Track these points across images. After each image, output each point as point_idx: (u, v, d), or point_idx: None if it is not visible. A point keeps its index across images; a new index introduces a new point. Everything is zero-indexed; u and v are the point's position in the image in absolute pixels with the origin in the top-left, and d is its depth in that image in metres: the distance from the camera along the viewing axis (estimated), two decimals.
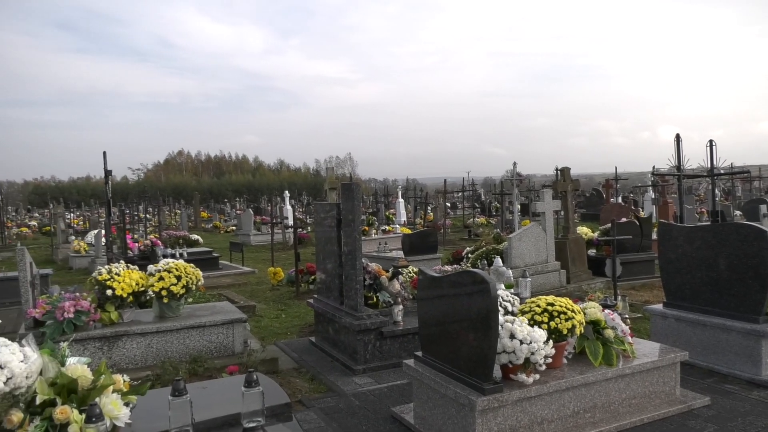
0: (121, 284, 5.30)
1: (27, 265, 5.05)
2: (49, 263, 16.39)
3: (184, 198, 51.64)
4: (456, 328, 3.81)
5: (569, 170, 10.39)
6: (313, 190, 63.30)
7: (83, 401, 2.62)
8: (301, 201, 42.20)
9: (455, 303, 3.85)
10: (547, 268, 9.30)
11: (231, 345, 5.71)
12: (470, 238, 19.47)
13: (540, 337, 3.67)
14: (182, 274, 5.61)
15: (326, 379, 5.34)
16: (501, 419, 3.60)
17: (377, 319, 5.57)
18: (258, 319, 8.13)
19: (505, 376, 3.71)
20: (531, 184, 29.73)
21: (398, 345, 5.68)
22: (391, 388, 5.05)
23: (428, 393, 4.02)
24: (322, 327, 6.47)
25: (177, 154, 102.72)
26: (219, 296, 9.51)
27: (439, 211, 24.10)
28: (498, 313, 3.52)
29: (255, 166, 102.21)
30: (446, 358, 3.94)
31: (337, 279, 6.06)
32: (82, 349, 5.02)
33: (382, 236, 17.30)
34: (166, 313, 5.65)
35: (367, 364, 5.52)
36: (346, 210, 5.82)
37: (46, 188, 78.93)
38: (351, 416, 4.43)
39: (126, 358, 5.28)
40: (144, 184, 67.79)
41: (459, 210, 34.46)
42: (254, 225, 22.16)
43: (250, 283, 11.63)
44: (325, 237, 6.46)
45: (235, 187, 79.27)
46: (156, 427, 2.79)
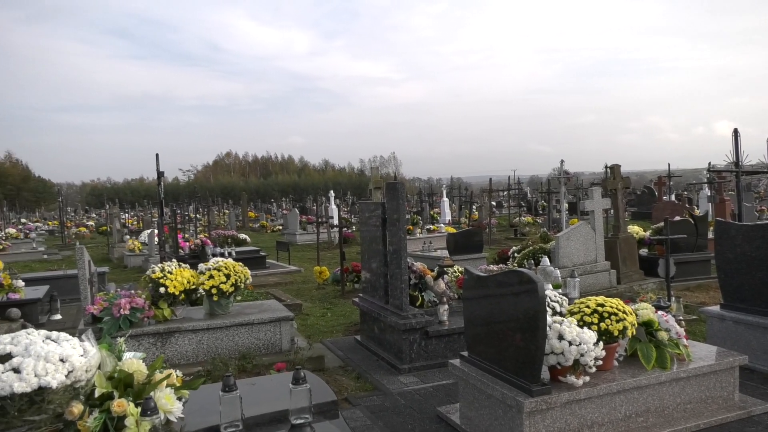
0: (173, 282, 5.46)
1: (86, 264, 5.26)
2: (105, 261, 17.04)
3: (232, 198, 52.79)
4: (503, 329, 3.77)
5: (619, 167, 10.11)
6: (357, 190, 63.69)
7: (139, 395, 2.71)
8: (346, 201, 42.51)
9: (502, 303, 3.81)
10: (596, 268, 9.08)
11: (278, 342, 5.81)
12: (516, 238, 19.21)
13: (590, 339, 3.58)
14: (231, 273, 5.74)
15: (372, 378, 5.36)
16: (549, 421, 3.53)
17: (422, 319, 5.55)
18: (304, 317, 8.24)
19: (553, 378, 3.64)
20: (579, 182, 29.09)
21: (444, 345, 5.65)
22: (437, 387, 5.03)
23: (474, 393, 3.99)
24: (368, 326, 6.50)
25: (225, 156, 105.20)
26: (266, 294, 9.68)
27: (484, 210, 23.85)
28: (546, 313, 3.46)
29: (300, 167, 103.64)
30: (493, 358, 3.89)
31: (383, 278, 6.07)
32: (136, 345, 5.20)
33: (427, 235, 17.25)
34: (216, 311, 5.79)
35: (412, 363, 5.52)
36: (391, 209, 5.82)
37: (102, 189, 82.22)
38: (397, 415, 4.43)
39: (178, 354, 5.43)
40: (194, 185, 69.63)
41: (504, 209, 34.03)
42: (300, 224, 22.46)
43: (296, 282, 11.80)
44: (370, 236, 6.49)
45: (282, 187, 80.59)
46: (207, 422, 2.85)
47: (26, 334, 2.56)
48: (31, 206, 68.08)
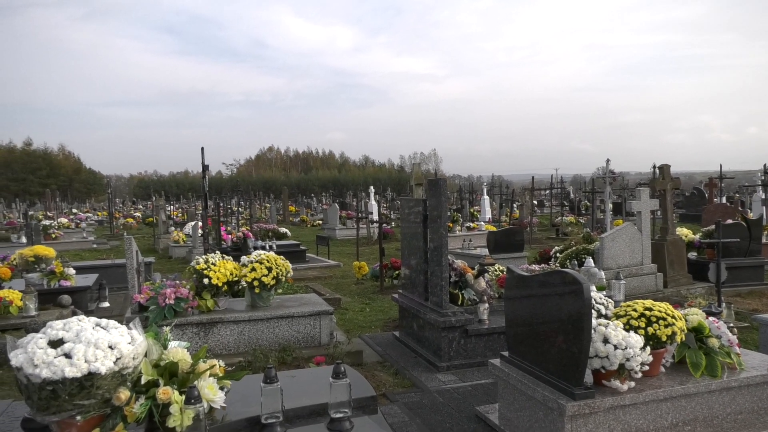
0: (216, 274, 5.56)
1: (134, 254, 5.41)
2: (151, 252, 17.52)
3: (274, 192, 53.55)
4: (545, 330, 3.69)
5: (669, 168, 9.79)
6: (397, 186, 63.70)
7: (183, 383, 2.76)
8: (386, 196, 42.57)
9: (545, 303, 3.73)
10: (642, 270, 8.83)
11: (318, 336, 5.85)
12: (558, 237, 18.87)
13: (636, 343, 3.48)
14: (273, 266, 5.81)
15: (410, 375, 5.35)
16: (592, 426, 3.45)
17: (462, 317, 5.50)
18: (343, 311, 8.28)
19: (596, 382, 3.55)
20: (624, 182, 28.35)
21: (483, 344, 5.59)
22: (476, 386, 4.98)
23: (514, 394, 3.93)
24: (406, 322, 6.49)
25: (267, 150, 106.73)
26: (306, 288, 9.78)
27: (525, 209, 23.50)
28: (591, 315, 3.37)
29: (341, 162, 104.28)
30: (534, 359, 3.82)
31: (422, 275, 6.05)
32: (180, 334, 5.32)
33: (467, 233, 17.11)
34: (257, 303, 5.87)
35: (451, 361, 5.48)
36: (432, 205, 5.79)
37: (149, 182, 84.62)
38: (435, 413, 4.41)
39: (220, 344, 5.54)
40: (236, 179, 70.92)
41: (546, 208, 33.48)
42: (340, 219, 22.60)
43: (335, 276, 11.88)
44: (410, 232, 6.46)
45: (322, 182, 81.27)
46: (249, 412, 2.89)
47: (77, 320, 2.63)
48: (82, 197, 70.65)
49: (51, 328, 2.56)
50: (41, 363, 2.38)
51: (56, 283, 8.05)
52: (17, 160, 73.37)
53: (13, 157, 74.13)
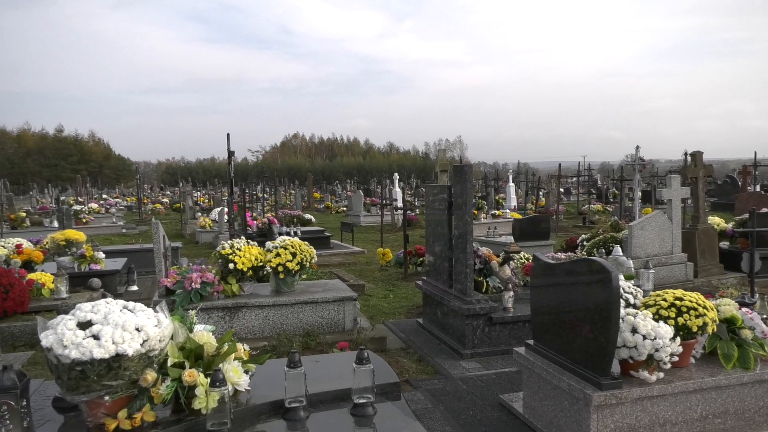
0: (241, 259, 5.60)
1: (160, 238, 5.48)
2: (178, 237, 17.78)
3: (298, 179, 53.85)
4: (572, 319, 3.64)
5: (701, 155, 9.54)
6: (422, 173, 63.48)
7: (208, 366, 2.78)
8: (410, 183, 42.46)
9: (572, 292, 3.67)
10: (671, 260, 8.65)
11: (341, 322, 5.87)
12: (585, 226, 18.61)
13: (666, 333, 3.40)
14: (297, 252, 5.83)
15: (433, 361, 5.34)
16: (618, 417, 3.40)
17: (487, 305, 5.46)
18: (367, 298, 8.30)
19: (624, 372, 3.49)
20: (654, 170, 27.77)
21: (508, 332, 5.55)
22: (500, 375, 4.95)
23: (539, 383, 3.89)
24: (430, 309, 6.47)
25: (292, 137, 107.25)
26: (330, 274, 9.82)
27: (551, 197, 23.22)
28: (619, 305, 3.30)
29: (365, 149, 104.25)
30: (560, 348, 3.77)
31: (447, 262, 6.01)
32: (206, 318, 5.38)
33: (492, 221, 16.98)
34: (281, 288, 5.91)
35: (474, 349, 5.45)
36: (457, 192, 5.73)
37: (176, 168, 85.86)
38: (458, 400, 4.39)
39: (245, 329, 5.60)
40: (262, 166, 71.44)
41: (573, 196, 33.02)
42: (364, 206, 22.62)
43: (359, 263, 11.90)
44: (435, 219, 6.42)
45: (346, 169, 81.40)
46: (273, 396, 2.90)
47: (105, 303, 2.67)
48: (112, 183, 72.02)
49: (80, 310, 2.60)
50: (70, 344, 2.41)
51: (86, 266, 8.22)
52: (49, 146, 75.07)
53: (46, 143, 75.86)
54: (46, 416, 2.69)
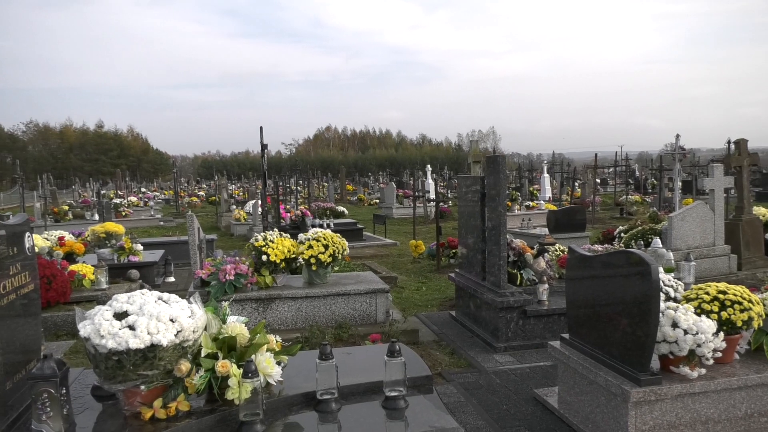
0: (274, 251, 5.65)
1: (195, 231, 5.56)
2: (213, 230, 18.08)
3: (331, 171, 54.09)
4: (609, 312, 3.54)
5: (746, 142, 9.20)
6: (454, 165, 63.07)
7: (241, 357, 2.80)
8: (443, 175, 42.23)
9: (609, 285, 3.58)
10: (713, 252, 8.38)
11: (374, 314, 5.87)
12: (622, 217, 18.22)
13: (708, 328, 3.28)
14: (329, 244, 5.84)
15: (466, 355, 5.29)
16: (658, 414, 3.30)
17: (520, 297, 5.38)
18: (399, 290, 8.28)
19: (664, 368, 3.39)
20: (695, 159, 26.95)
21: (542, 325, 5.46)
22: (534, 369, 4.87)
23: (575, 378, 3.81)
24: (463, 302, 6.42)
25: (325, 130, 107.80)
26: (363, 266, 9.83)
27: (587, 187, 22.77)
28: (659, 298, 3.20)
29: (398, 141, 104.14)
30: (596, 342, 3.68)
31: (480, 254, 5.94)
32: (240, 309, 5.45)
33: (526, 212, 16.76)
34: (314, 280, 5.94)
35: (508, 342, 5.38)
36: (491, 184, 5.65)
37: (212, 162, 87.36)
38: (491, 394, 4.34)
39: (278, 320, 5.64)
40: (295, 158, 72.03)
41: (610, 186, 32.35)
42: (397, 198, 22.60)
43: (391, 255, 11.89)
44: (467, 211, 6.35)
45: (379, 161, 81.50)
46: (304, 387, 2.91)
47: (141, 294, 2.71)
48: (150, 177, 73.69)
49: (116, 300, 2.64)
50: (107, 334, 2.45)
51: (125, 258, 8.42)
52: (90, 141, 77.22)
53: (87, 138, 78.04)
54: (85, 404, 2.75)
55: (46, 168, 57.83)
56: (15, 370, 2.74)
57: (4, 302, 2.65)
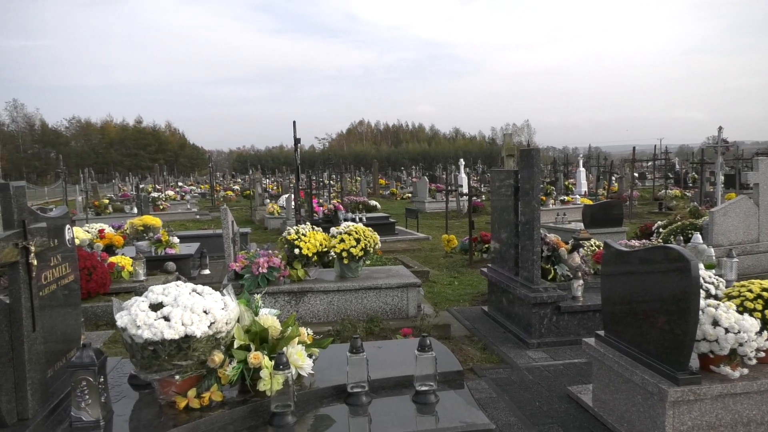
0: (306, 244, 5.68)
1: (229, 224, 5.64)
2: (248, 223, 18.33)
3: (364, 165, 54.25)
4: (646, 309, 3.46)
5: None
6: (488, 159, 62.53)
7: (273, 349, 2.83)
8: (476, 169, 41.89)
9: (646, 281, 3.48)
10: (758, 248, 8.09)
11: (405, 308, 5.86)
12: (661, 212, 17.76)
13: (751, 327, 3.17)
14: (361, 237, 5.85)
15: (498, 350, 5.24)
16: (696, 414, 3.20)
17: (554, 293, 5.30)
18: (431, 284, 8.25)
19: (703, 367, 3.29)
20: (739, 152, 26.08)
21: (576, 321, 5.36)
22: (567, 365, 4.79)
23: (610, 376, 3.73)
24: (496, 297, 6.35)
25: (358, 124, 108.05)
26: (395, 260, 9.83)
27: (625, 182, 22.27)
28: (699, 295, 3.10)
29: (431, 135, 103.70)
30: (633, 340, 3.60)
31: (513, 249, 5.87)
32: (273, 302, 5.51)
33: (560, 207, 16.50)
34: (346, 274, 5.96)
35: (541, 338, 5.31)
36: (524, 178, 5.57)
37: (246, 156, 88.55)
38: (524, 390, 4.29)
39: (310, 313, 5.69)
40: (328, 153, 72.47)
41: (648, 181, 31.59)
42: (429, 192, 22.51)
43: (424, 249, 11.86)
44: (501, 205, 6.28)
45: (412, 155, 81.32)
46: (335, 380, 2.92)
47: (175, 286, 2.75)
48: (187, 171, 75.15)
49: (152, 292, 2.69)
50: (143, 324, 2.50)
51: (162, 250, 8.60)
52: (130, 137, 79.18)
53: (126, 134, 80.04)
54: (122, 392, 2.82)
55: (87, 163, 59.55)
56: (56, 358, 2.83)
57: (46, 292, 2.73)
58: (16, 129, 77.26)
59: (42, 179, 65.83)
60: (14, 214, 2.49)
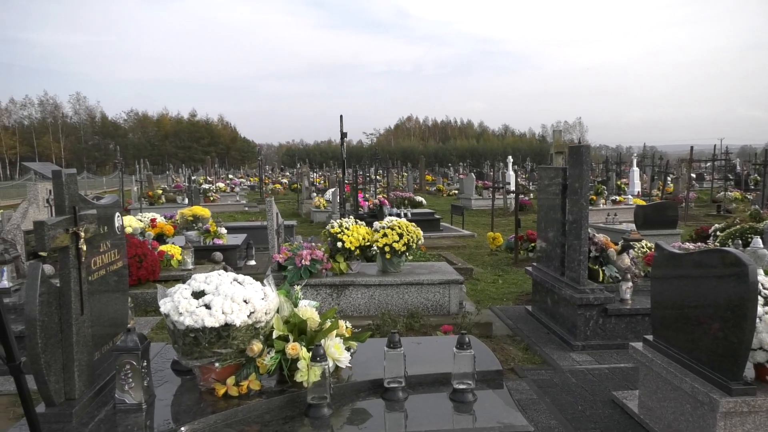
0: (349, 238, 5.70)
1: (274, 216, 5.71)
2: (294, 216, 18.57)
3: (411, 161, 54.14)
4: (698, 315, 3.30)
5: None
6: (537, 156, 61.44)
7: (311, 341, 2.84)
8: (525, 167, 41.20)
9: (700, 286, 3.33)
10: None
11: (446, 305, 5.81)
12: (719, 215, 17.03)
13: None
14: (404, 233, 5.83)
15: (541, 351, 5.13)
16: (750, 426, 3.04)
17: (601, 295, 5.14)
18: (474, 282, 8.16)
19: (759, 377, 3.12)
20: None
21: (624, 325, 5.19)
22: (613, 370, 4.64)
23: (658, 382, 3.59)
24: (540, 296, 6.22)
25: (406, 120, 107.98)
26: (438, 257, 9.76)
27: (681, 182, 21.46)
28: (757, 302, 2.94)
29: (479, 132, 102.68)
30: (683, 346, 3.45)
31: (559, 248, 5.73)
32: (315, 294, 5.55)
33: (611, 207, 16.03)
34: (388, 268, 5.95)
35: (586, 341, 5.16)
36: (573, 176, 5.42)
37: (295, 150, 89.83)
38: (566, 393, 4.18)
39: (351, 306, 5.70)
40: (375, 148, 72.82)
41: (706, 182, 30.34)
42: (476, 189, 22.29)
43: (468, 247, 11.74)
44: (548, 204, 6.13)
45: (459, 151, 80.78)
46: (372, 374, 2.91)
47: (217, 275, 2.80)
48: (237, 164, 76.85)
49: (194, 280, 2.75)
50: (185, 311, 2.55)
51: (210, 240, 8.80)
52: (184, 130, 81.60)
53: (181, 127, 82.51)
54: (164, 377, 2.89)
55: (143, 154, 61.68)
56: (103, 341, 2.92)
57: (95, 277, 2.82)
58: (78, 121, 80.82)
59: (101, 169, 68.69)
60: (66, 200, 2.57)
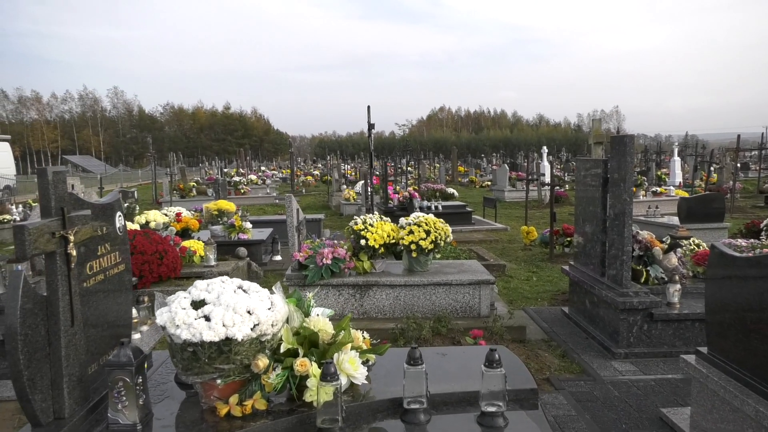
0: (373, 236, 5.41)
1: (294, 212, 5.45)
2: (324, 209, 18.40)
3: (443, 152, 53.60)
4: (761, 326, 2.91)
5: None
6: (573, 146, 60.14)
7: (323, 355, 2.57)
8: (560, 158, 40.22)
9: (763, 291, 2.93)
10: None
11: (477, 307, 5.47)
12: (767, 206, 16.20)
13: None
14: (431, 229, 5.51)
15: (579, 359, 4.76)
16: None
17: (646, 298, 4.73)
18: (507, 279, 7.79)
19: None
20: None
21: (671, 331, 4.78)
22: (660, 382, 4.25)
23: (713, 401, 3.20)
24: (578, 297, 5.83)
25: (438, 110, 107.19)
26: (469, 252, 9.41)
27: (726, 172, 20.51)
28: None
29: (513, 122, 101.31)
30: (742, 361, 3.06)
31: (599, 246, 5.33)
32: (337, 295, 5.28)
33: (652, 198, 15.39)
34: (414, 267, 5.64)
35: (629, 348, 4.77)
36: (615, 167, 5.01)
37: (327, 142, 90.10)
38: (608, 409, 3.82)
39: (375, 308, 5.42)
40: (407, 139, 72.42)
41: (752, 172, 29.07)
42: (509, 181, 21.75)
43: (501, 241, 11.34)
44: (586, 197, 5.73)
45: (492, 142, 79.82)
46: (392, 392, 2.63)
47: (220, 281, 2.55)
48: (270, 156, 77.50)
49: (196, 287, 2.50)
50: (182, 324, 2.31)
51: (236, 235, 8.64)
52: (218, 122, 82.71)
53: (215, 119, 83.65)
54: (167, 391, 2.66)
55: (179, 147, 62.63)
56: (101, 353, 2.70)
57: (91, 283, 2.60)
58: (117, 115, 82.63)
59: (139, 162, 70.07)
60: (52, 201, 2.35)
